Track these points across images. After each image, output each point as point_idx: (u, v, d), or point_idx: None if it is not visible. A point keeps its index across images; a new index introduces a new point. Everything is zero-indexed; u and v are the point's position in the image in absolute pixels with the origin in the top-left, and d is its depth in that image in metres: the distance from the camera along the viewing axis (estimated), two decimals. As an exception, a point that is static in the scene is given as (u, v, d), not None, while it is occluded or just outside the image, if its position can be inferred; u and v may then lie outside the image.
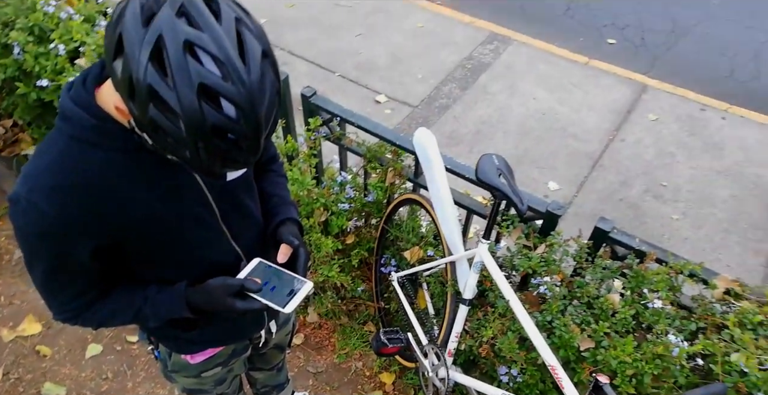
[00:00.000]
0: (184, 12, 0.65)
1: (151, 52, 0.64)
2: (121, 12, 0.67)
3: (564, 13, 4.21)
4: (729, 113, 3.34)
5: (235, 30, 0.67)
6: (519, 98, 3.44)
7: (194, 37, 0.64)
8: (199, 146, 0.68)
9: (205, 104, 0.65)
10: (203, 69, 0.64)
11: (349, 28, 3.96)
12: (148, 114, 0.67)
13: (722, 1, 4.25)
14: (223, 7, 0.67)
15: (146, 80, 0.64)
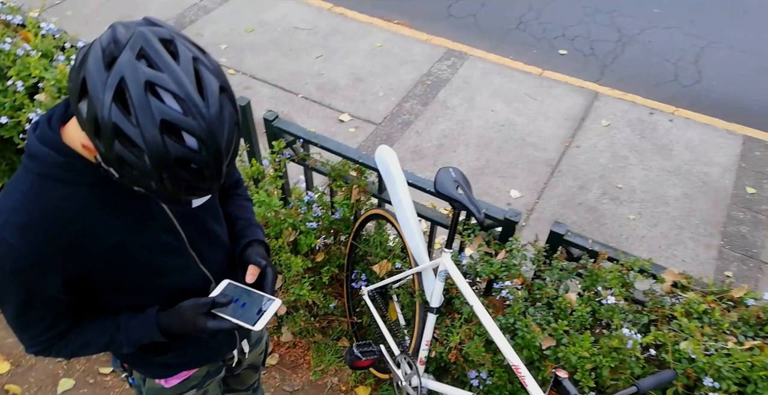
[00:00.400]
0: (143, 55, 0.71)
1: (114, 93, 0.70)
2: (83, 57, 0.73)
3: (516, 27, 4.40)
4: (675, 116, 3.54)
5: (192, 68, 0.73)
6: (478, 111, 3.57)
7: (154, 78, 0.70)
8: (164, 177, 0.74)
9: (167, 138, 0.71)
10: (164, 106, 0.70)
11: (309, 50, 4.05)
12: (114, 150, 0.72)
13: (663, 10, 4.51)
14: (180, 48, 0.74)
15: (111, 119, 0.70)
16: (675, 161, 3.22)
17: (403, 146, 3.35)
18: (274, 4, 4.49)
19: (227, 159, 0.78)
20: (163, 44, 0.73)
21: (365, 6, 4.54)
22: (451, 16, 4.51)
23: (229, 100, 0.77)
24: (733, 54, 4.07)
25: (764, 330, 1.44)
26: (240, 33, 4.19)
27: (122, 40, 0.72)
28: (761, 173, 3.16)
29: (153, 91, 0.70)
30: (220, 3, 4.49)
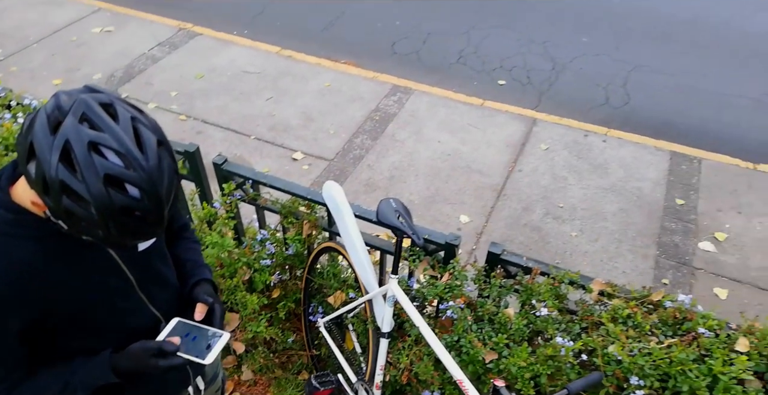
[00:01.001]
0: (85, 118, 0.82)
1: (60, 154, 0.80)
2: (30, 123, 0.83)
3: (457, 61, 4.68)
4: (608, 137, 3.81)
5: (131, 127, 0.84)
6: (425, 143, 3.76)
7: (96, 138, 0.81)
8: (111, 225, 0.84)
9: (111, 190, 0.81)
10: (107, 162, 0.81)
11: (259, 93, 4.19)
12: (63, 205, 0.82)
13: (591, 39, 4.89)
14: (119, 110, 0.85)
15: (58, 177, 0.80)
16: (610, 179, 3.47)
17: (356, 179, 3.48)
18: (222, 51, 4.65)
19: (168, 205, 0.88)
20: (103, 108, 0.84)
21: (312, 48, 4.75)
22: (395, 53, 4.77)
23: (167, 152, 0.88)
24: (656, 76, 4.44)
25: (682, 329, 1.60)
26: (190, 80, 4.31)
27: (65, 106, 0.83)
28: (688, 185, 3.43)
29: (96, 149, 0.81)
30: (168, 52, 4.62)
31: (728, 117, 4.03)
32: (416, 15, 5.18)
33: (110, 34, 4.84)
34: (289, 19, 5.14)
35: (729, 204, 3.30)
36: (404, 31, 4.99)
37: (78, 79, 4.23)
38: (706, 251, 3.02)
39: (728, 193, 3.37)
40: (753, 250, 3.03)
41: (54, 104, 0.83)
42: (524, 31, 4.97)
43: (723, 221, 3.20)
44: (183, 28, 4.91)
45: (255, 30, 4.99)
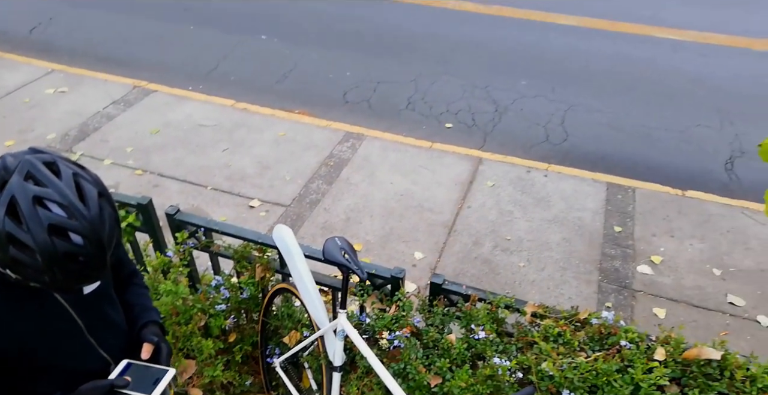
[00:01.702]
0: (30, 175, 0.94)
1: (6, 208, 0.91)
2: None
3: (406, 107, 4.95)
4: (549, 171, 4.08)
5: (73, 181, 0.97)
6: (378, 185, 3.94)
7: (41, 192, 0.93)
8: (56, 270, 0.94)
9: (56, 238, 0.92)
10: (51, 213, 0.92)
11: (215, 145, 4.33)
12: (9, 254, 0.92)
13: (529, 82, 5.27)
14: (61, 167, 0.97)
15: (5, 229, 0.91)
16: (553, 211, 3.70)
17: (313, 223, 3.60)
18: (178, 106, 4.80)
19: (110, 250, 0.99)
20: (46, 166, 0.96)
21: (267, 99, 4.96)
22: (347, 102, 5.02)
23: (108, 202, 1.00)
24: (590, 115, 4.80)
25: (607, 343, 1.75)
26: (145, 135, 4.42)
27: (11, 166, 0.94)
28: (624, 213, 3.69)
29: (40, 203, 0.93)
30: (123, 109, 4.74)
31: (656, 149, 4.38)
32: (365, 66, 5.50)
33: (64, 94, 4.94)
34: (243, 74, 5.37)
35: (662, 229, 3.56)
36: (355, 81, 5.27)
37: (31, 140, 4.28)
38: (644, 273, 3.24)
39: (661, 219, 3.64)
40: (686, 271, 3.26)
41: (0, 165, 0.95)
42: (467, 77, 5.33)
43: (658, 245, 3.44)
44: (138, 85, 5.06)
45: (210, 85, 5.18)
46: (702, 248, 3.42)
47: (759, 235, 3.50)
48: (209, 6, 6.52)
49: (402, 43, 5.89)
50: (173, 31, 6.04)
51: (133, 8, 6.46)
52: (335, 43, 5.85)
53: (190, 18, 6.31)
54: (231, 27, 6.12)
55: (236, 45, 5.81)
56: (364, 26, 6.16)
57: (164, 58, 5.60)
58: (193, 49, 5.74)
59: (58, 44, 5.79)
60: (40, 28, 6.09)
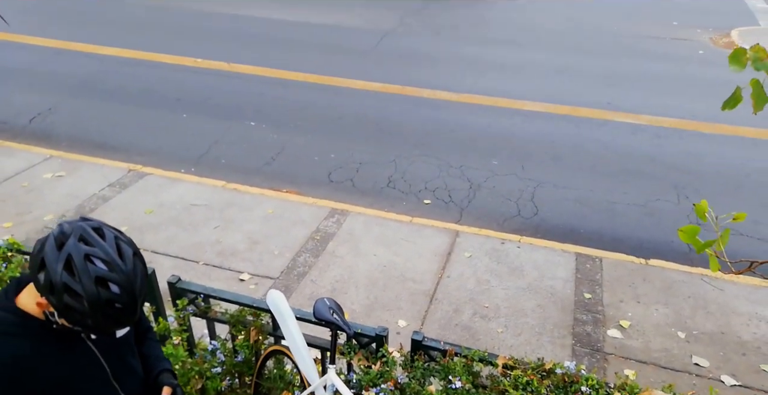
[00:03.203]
0: (82, 238, 1.22)
1: (64, 263, 1.19)
2: (41, 246, 1.22)
3: (387, 185, 5.36)
4: (522, 243, 4.42)
5: (114, 243, 1.25)
6: (363, 257, 4.21)
7: (90, 251, 1.21)
8: (98, 315, 1.20)
9: (100, 288, 1.19)
10: (97, 268, 1.20)
11: (206, 223, 4.62)
12: (64, 301, 1.18)
13: (500, 162, 5.77)
14: (105, 231, 1.26)
15: (61, 280, 1.18)
16: (527, 279, 3.98)
17: (301, 294, 3.82)
18: (171, 187, 5.13)
19: (141, 299, 1.26)
20: (94, 231, 1.25)
21: (256, 180, 5.34)
22: (332, 181, 5.41)
23: (140, 260, 1.29)
24: (557, 191, 5.25)
25: (571, 390, 1.98)
26: (140, 215, 4.70)
27: (67, 231, 1.23)
28: (593, 280, 3.99)
29: (89, 259, 1.20)
30: (119, 191, 5.05)
31: (620, 221, 4.79)
32: (348, 148, 5.98)
33: (61, 178, 5.25)
34: (233, 157, 5.79)
35: (629, 295, 3.85)
36: (339, 162, 5.71)
37: (29, 222, 4.52)
38: (615, 337, 3.48)
39: (627, 286, 3.95)
40: (653, 334, 3.51)
41: (59, 231, 1.24)
42: (443, 157, 5.82)
43: (626, 310, 3.71)
44: (133, 169, 5.42)
45: (201, 168, 5.56)
46: (667, 313, 3.70)
47: (717, 299, 3.81)
48: (201, 96, 7.09)
49: (382, 127, 6.44)
50: (167, 119, 6.53)
51: (129, 99, 7.00)
52: (320, 129, 6.37)
53: (182, 107, 6.84)
54: (221, 115, 6.64)
55: (226, 131, 6.29)
56: (346, 113, 6.74)
57: (158, 143, 6.02)
58: (185, 135, 6.20)
59: (56, 132, 6.21)
60: (40, 118, 6.53)
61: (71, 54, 8.28)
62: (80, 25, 9.55)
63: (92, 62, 7.99)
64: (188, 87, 7.31)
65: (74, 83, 7.34)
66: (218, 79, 7.55)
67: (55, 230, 1.23)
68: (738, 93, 1.59)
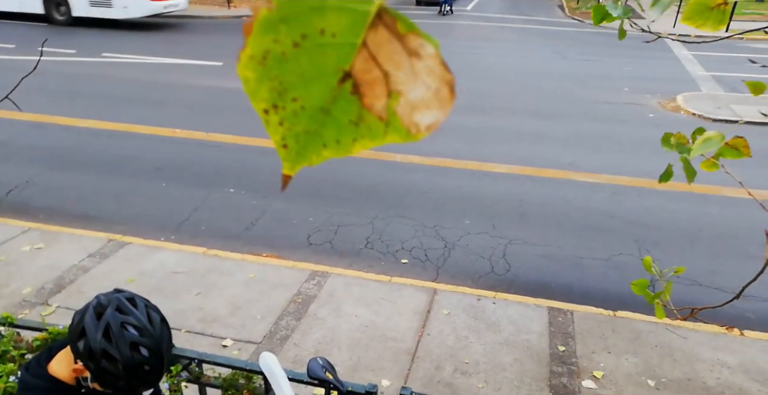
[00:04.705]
0: (119, 308, 1.42)
1: (103, 332, 1.38)
2: (81, 316, 1.41)
3: (365, 246, 5.58)
4: (497, 299, 4.64)
5: (145, 311, 1.45)
6: (344, 318, 4.35)
7: (126, 320, 1.40)
8: (131, 377, 1.38)
9: (134, 352, 1.38)
10: (131, 334, 1.39)
11: (188, 289, 4.72)
12: (101, 365, 1.36)
13: (472, 221, 6.09)
14: (138, 302, 1.47)
15: (100, 347, 1.36)
16: (503, 334, 4.18)
17: (284, 358, 3.91)
18: (152, 256, 5.25)
19: (167, 360, 1.44)
20: (128, 301, 1.46)
21: (236, 245, 5.50)
22: (311, 244, 5.61)
23: (166, 325, 1.48)
24: (527, 247, 5.56)
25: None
26: (121, 284, 4.77)
27: (104, 303, 1.43)
28: (566, 333, 4.21)
29: (125, 327, 1.40)
30: (99, 261, 5.14)
31: (587, 275, 5.08)
32: (326, 212, 6.23)
33: (40, 250, 5.32)
34: (213, 224, 5.97)
35: (600, 346, 4.07)
36: (317, 225, 5.94)
37: (6, 295, 4.54)
38: (589, 388, 3.66)
39: (598, 337, 4.17)
40: (625, 383, 3.71)
41: (97, 302, 1.44)
42: (417, 218, 6.11)
43: (598, 361, 3.92)
44: (113, 239, 5.53)
45: (181, 235, 5.71)
46: (636, 362, 3.91)
47: (682, 347, 4.06)
48: (180, 165, 7.34)
49: (358, 191, 6.75)
50: (146, 188, 6.72)
51: (108, 169, 7.20)
52: (298, 193, 6.63)
53: (161, 176, 7.06)
54: (201, 182, 6.87)
55: (206, 198, 6.50)
56: (324, 178, 7.05)
57: (138, 212, 6.17)
58: (165, 204, 6.37)
59: (34, 205, 6.30)
60: (17, 191, 6.63)
61: (48, 127, 8.50)
62: (56, 99, 9.86)
63: (70, 135, 8.22)
64: (167, 156, 7.56)
65: (52, 156, 7.52)
66: (197, 148, 7.85)
67: (94, 302, 1.42)
68: (669, 169, 1.91)
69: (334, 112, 0.26)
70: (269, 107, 0.27)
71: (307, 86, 0.25)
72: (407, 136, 0.28)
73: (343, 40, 0.24)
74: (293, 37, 0.24)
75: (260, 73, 0.25)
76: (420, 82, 0.26)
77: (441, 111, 0.27)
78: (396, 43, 0.26)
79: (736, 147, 1.53)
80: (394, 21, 0.26)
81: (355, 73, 0.25)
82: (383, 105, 0.26)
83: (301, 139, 0.29)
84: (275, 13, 0.24)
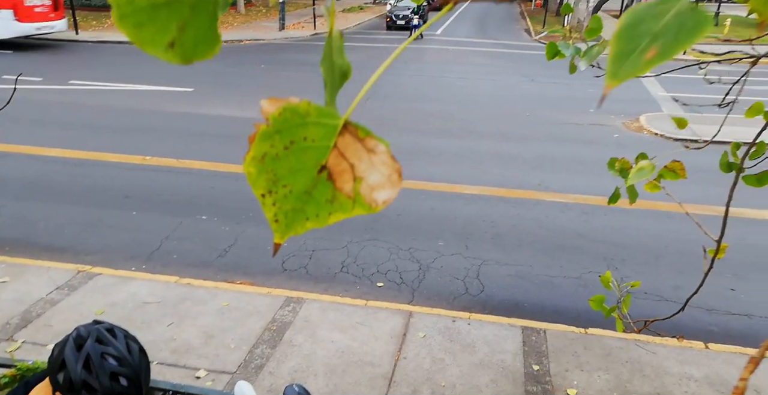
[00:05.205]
0: (99, 339, 1.47)
1: (83, 363, 1.42)
2: (61, 348, 1.46)
3: (340, 270, 5.63)
4: (471, 320, 4.73)
5: (125, 341, 1.50)
6: (320, 344, 4.38)
7: (105, 350, 1.45)
8: None
9: (113, 382, 1.42)
10: (111, 364, 1.44)
11: (160, 320, 4.68)
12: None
13: (445, 243, 6.20)
14: (117, 333, 1.52)
15: (81, 378, 1.41)
16: (479, 355, 4.26)
17: (260, 386, 3.90)
18: (122, 286, 5.19)
19: (145, 390, 1.49)
20: (108, 332, 1.51)
21: (209, 273, 5.48)
22: (285, 270, 5.63)
23: (144, 355, 1.53)
24: (500, 268, 5.69)
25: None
26: (90, 317, 4.70)
27: (84, 334, 1.48)
28: (539, 352, 4.31)
29: (104, 357, 1.45)
30: (67, 293, 5.05)
31: (559, 294, 5.23)
32: (299, 237, 6.27)
33: (5, 284, 5.21)
34: (185, 252, 5.94)
35: (573, 364, 4.18)
36: (291, 251, 5.97)
37: (-31, 329, 4.43)
38: (564, 404, 3.75)
39: (571, 355, 4.29)
40: (598, 398, 3.82)
41: (77, 334, 1.49)
42: (392, 241, 6.20)
43: (571, 378, 4.02)
44: (81, 270, 5.45)
45: (153, 264, 5.67)
46: (608, 379, 4.04)
47: (651, 363, 4.20)
48: (150, 193, 7.30)
49: (331, 215, 6.81)
50: (115, 217, 6.66)
51: (76, 198, 7.11)
52: (271, 219, 6.66)
53: (131, 204, 7.01)
54: (172, 210, 6.84)
55: (178, 226, 6.47)
56: (296, 203, 7.11)
57: (107, 242, 6.10)
58: (135, 232, 6.32)
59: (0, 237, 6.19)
60: (-20, 220, 6.50)
61: (15, 156, 8.37)
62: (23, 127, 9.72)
63: (36, 164, 8.11)
64: (137, 184, 7.52)
65: (17, 186, 7.39)
66: (168, 175, 7.83)
67: (74, 334, 1.47)
68: (617, 192, 2.06)
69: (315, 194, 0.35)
70: (266, 192, 0.37)
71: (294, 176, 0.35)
72: (369, 209, 0.38)
73: (320, 144, 0.34)
74: (284, 143, 0.34)
75: (259, 168, 0.35)
76: (376, 171, 0.35)
77: (392, 190, 0.37)
78: (358, 144, 0.36)
79: (674, 170, 1.67)
80: (356, 129, 0.36)
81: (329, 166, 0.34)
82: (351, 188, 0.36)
83: (289, 215, 0.39)
84: (271, 127, 0.33)
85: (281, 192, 0.36)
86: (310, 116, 0.33)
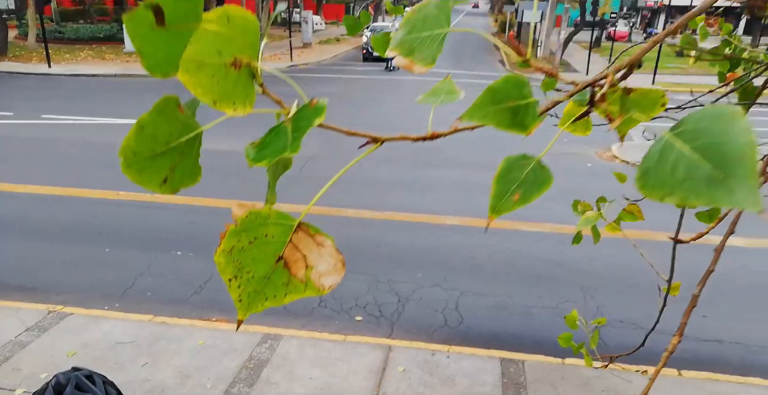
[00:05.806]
0: (78, 386, 1.52)
1: None
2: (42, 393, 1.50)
3: (318, 305, 5.65)
4: (451, 352, 4.78)
5: (103, 387, 1.55)
6: (298, 381, 4.37)
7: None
8: None
9: None
10: None
11: (133, 360, 4.62)
12: None
13: (424, 274, 6.28)
14: (96, 379, 1.57)
15: None
16: (458, 388, 4.29)
17: (237, 429, 3.87)
18: (94, 326, 5.12)
19: None
20: (87, 378, 1.56)
21: (184, 311, 5.45)
22: (262, 306, 5.62)
23: (117, 391, 1.58)
24: (479, 299, 5.77)
25: None
26: (61, 359, 4.63)
27: (63, 382, 1.53)
28: (518, 383, 4.37)
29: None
30: (37, 335, 4.97)
31: (537, 324, 5.32)
32: (278, 271, 6.27)
33: (-28, 324, 5.11)
34: (159, 289, 5.90)
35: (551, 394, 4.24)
36: (268, 286, 5.96)
37: (-67, 374, 4.32)
38: (544, 437, 3.79)
39: (548, 385, 4.35)
40: (577, 429, 3.87)
41: (56, 381, 1.54)
42: (371, 273, 6.25)
43: (550, 408, 4.08)
44: (52, 310, 5.37)
45: (126, 303, 5.61)
46: (587, 408, 4.10)
47: (626, 391, 4.29)
48: (124, 229, 7.27)
49: (309, 248, 6.85)
50: (88, 255, 6.60)
51: (47, 236, 7.04)
52: (248, 253, 6.67)
53: (104, 241, 6.96)
54: (146, 246, 6.81)
55: (152, 262, 6.44)
56: (273, 236, 7.14)
57: (79, 280, 6.03)
58: (108, 270, 6.27)
59: (-35, 274, 6.07)
60: (-54, 259, 6.38)
61: (-18, 192, 8.27)
62: (-8, 161, 9.63)
63: (6, 201, 8.02)
64: (110, 221, 7.48)
65: (-14, 223, 7.29)
66: (141, 210, 7.81)
67: (53, 381, 1.51)
68: (579, 233, 2.18)
69: (273, 278, 0.44)
70: (232, 277, 0.45)
71: (256, 265, 0.43)
72: (318, 291, 0.47)
73: (279, 240, 0.43)
74: (249, 239, 0.42)
75: (228, 259, 0.44)
76: (324, 261, 0.44)
77: (338, 276, 0.46)
78: (309, 239, 0.45)
79: (632, 212, 1.80)
80: (308, 228, 0.45)
81: (285, 257, 0.43)
82: (303, 274, 0.45)
83: (251, 296, 0.47)
84: (239, 227, 0.42)
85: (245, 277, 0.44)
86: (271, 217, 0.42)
